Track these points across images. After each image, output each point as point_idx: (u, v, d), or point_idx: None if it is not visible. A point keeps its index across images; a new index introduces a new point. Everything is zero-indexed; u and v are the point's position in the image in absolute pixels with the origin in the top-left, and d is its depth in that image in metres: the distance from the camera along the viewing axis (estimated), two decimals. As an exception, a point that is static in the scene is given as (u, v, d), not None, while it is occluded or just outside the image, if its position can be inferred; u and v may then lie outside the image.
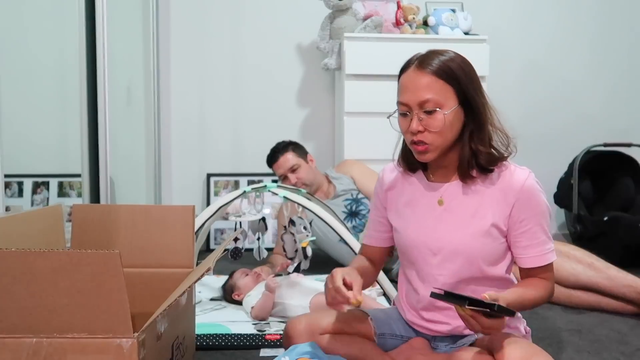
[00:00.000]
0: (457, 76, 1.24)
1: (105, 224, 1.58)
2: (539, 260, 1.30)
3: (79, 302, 1.03)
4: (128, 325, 1.03)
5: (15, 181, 3.16)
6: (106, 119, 2.28)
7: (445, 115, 1.23)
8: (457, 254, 1.29)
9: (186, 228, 1.59)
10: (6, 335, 1.03)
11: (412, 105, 1.25)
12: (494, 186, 1.29)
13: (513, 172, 1.30)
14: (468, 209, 1.30)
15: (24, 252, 1.02)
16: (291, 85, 3.38)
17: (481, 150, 1.27)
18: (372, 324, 1.41)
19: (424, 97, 1.23)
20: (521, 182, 1.27)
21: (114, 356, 1.03)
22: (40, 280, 1.02)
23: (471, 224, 1.29)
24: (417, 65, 1.26)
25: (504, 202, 1.28)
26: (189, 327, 1.53)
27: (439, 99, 1.23)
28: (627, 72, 3.58)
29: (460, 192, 1.32)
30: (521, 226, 1.28)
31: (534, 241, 1.29)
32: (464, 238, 1.29)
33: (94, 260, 1.02)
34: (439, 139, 1.25)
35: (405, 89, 1.27)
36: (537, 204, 1.28)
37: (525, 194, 1.27)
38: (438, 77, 1.24)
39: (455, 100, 1.25)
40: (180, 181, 3.34)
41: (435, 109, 1.23)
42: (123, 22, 2.89)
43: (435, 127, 1.24)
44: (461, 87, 1.25)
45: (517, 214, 1.27)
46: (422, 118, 1.24)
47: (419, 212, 1.36)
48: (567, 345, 1.76)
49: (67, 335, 1.03)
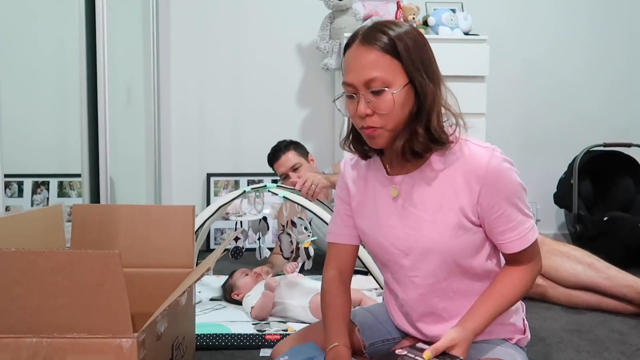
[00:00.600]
0: (404, 49, 1.08)
1: (105, 224, 1.58)
2: (520, 243, 1.16)
3: (79, 302, 1.03)
4: (128, 325, 1.03)
5: (15, 181, 3.16)
6: (106, 119, 2.28)
7: (394, 95, 1.09)
8: (429, 252, 1.17)
9: (186, 228, 1.59)
10: (6, 335, 1.03)
11: (358, 85, 1.11)
12: (455, 173, 1.14)
13: (474, 154, 1.14)
14: (431, 202, 1.16)
15: (24, 252, 1.02)
16: (291, 85, 3.38)
17: (419, 133, 1.11)
18: (360, 336, 1.33)
19: (369, 75, 1.09)
20: (484, 164, 1.12)
21: (114, 356, 1.02)
22: (40, 280, 1.02)
23: (438, 217, 1.15)
24: (361, 39, 1.11)
25: (468, 190, 1.13)
26: (189, 327, 1.53)
27: (386, 77, 1.08)
28: (627, 72, 3.58)
29: (418, 184, 1.17)
30: (493, 212, 1.13)
31: (510, 224, 1.15)
32: (432, 234, 1.16)
33: (94, 260, 1.02)
34: (389, 122, 1.11)
35: (349, 68, 1.12)
36: (507, 184, 1.13)
37: (490, 176, 1.12)
38: (384, 52, 1.08)
39: (405, 77, 1.09)
40: (180, 181, 3.34)
41: (383, 88, 1.09)
42: (123, 22, 2.89)
43: (384, 109, 1.10)
44: (410, 62, 1.09)
45: (485, 200, 1.13)
46: (369, 100, 1.10)
47: (381, 210, 1.23)
48: (567, 345, 1.76)
49: (67, 335, 1.03)
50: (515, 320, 1.29)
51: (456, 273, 1.20)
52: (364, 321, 1.38)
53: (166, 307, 1.15)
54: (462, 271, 1.20)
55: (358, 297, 2.00)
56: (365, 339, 1.35)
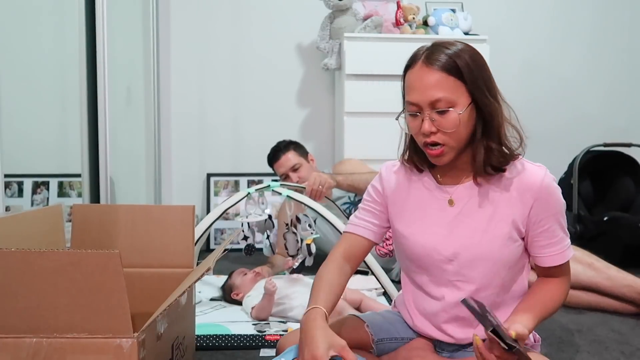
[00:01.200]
0: (468, 70, 1.15)
1: (105, 224, 1.58)
2: (558, 258, 1.24)
3: (79, 302, 1.03)
4: (128, 325, 1.03)
5: (15, 181, 3.16)
6: (106, 119, 2.28)
7: (460, 115, 1.14)
8: (478, 260, 1.22)
9: (186, 228, 1.58)
10: (6, 335, 1.03)
11: (423, 105, 1.16)
12: (510, 186, 1.22)
13: (529, 171, 1.22)
14: (485, 212, 1.23)
15: (24, 252, 1.02)
16: (291, 85, 3.38)
17: (494, 148, 1.18)
18: (369, 330, 1.34)
19: (435, 96, 1.14)
20: (539, 181, 1.21)
21: (114, 356, 1.02)
22: (40, 280, 1.02)
23: (489, 227, 1.22)
24: (424, 61, 1.16)
25: (521, 203, 1.21)
26: (189, 327, 1.53)
27: (451, 97, 1.14)
28: (627, 72, 3.58)
29: (474, 194, 1.24)
30: (540, 226, 1.22)
31: (553, 240, 1.23)
32: (482, 242, 1.22)
33: (94, 260, 1.02)
34: (454, 139, 1.17)
35: (413, 88, 1.17)
36: (555, 202, 1.23)
37: (544, 192, 1.21)
38: (448, 74, 1.14)
39: (468, 97, 1.16)
40: (180, 181, 3.34)
41: (448, 108, 1.14)
42: (123, 22, 2.89)
43: (449, 128, 1.15)
44: (473, 82, 1.15)
45: (535, 213, 1.21)
46: (434, 119, 1.15)
47: (429, 217, 1.28)
48: (567, 345, 1.76)
49: (67, 335, 1.03)
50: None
51: (497, 285, 1.25)
52: (372, 320, 1.39)
53: (166, 307, 1.15)
54: (503, 284, 1.26)
55: (358, 298, 2.01)
56: (374, 334, 1.35)
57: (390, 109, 2.49)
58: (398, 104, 1.27)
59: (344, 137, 2.99)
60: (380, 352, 1.35)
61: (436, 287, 1.28)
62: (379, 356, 1.35)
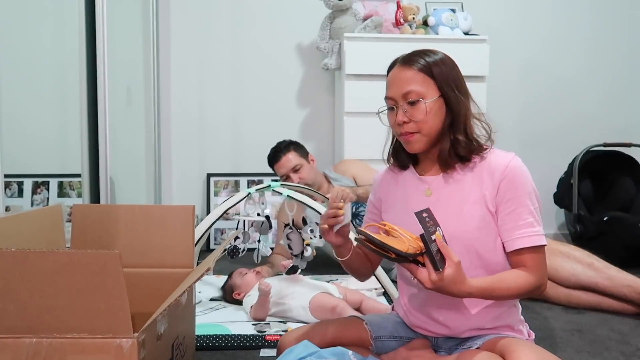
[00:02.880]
0: (438, 70, 1.31)
1: (105, 224, 1.58)
2: (523, 241, 1.26)
3: (78, 302, 1.03)
4: (128, 325, 1.03)
5: (15, 181, 3.16)
6: (106, 119, 2.28)
7: (427, 104, 1.29)
8: (454, 240, 1.26)
9: (186, 228, 1.58)
10: (6, 335, 1.03)
11: (397, 98, 1.32)
12: (480, 170, 1.32)
13: (498, 156, 1.33)
14: (458, 197, 1.32)
15: (23, 252, 1.02)
16: (291, 85, 3.38)
17: (460, 140, 1.31)
18: (368, 327, 1.39)
19: (406, 88, 1.30)
20: (506, 162, 1.30)
21: (114, 356, 1.02)
22: (40, 280, 1.02)
23: (463, 209, 1.30)
24: (401, 62, 1.34)
25: (490, 183, 1.29)
26: (189, 327, 1.53)
27: (420, 89, 1.30)
28: (627, 72, 3.58)
29: (448, 182, 1.34)
30: (507, 207, 1.28)
31: (519, 222, 1.27)
32: (457, 224, 1.29)
33: (94, 260, 1.02)
34: (424, 127, 1.30)
35: (391, 85, 1.35)
36: (523, 183, 1.29)
37: (511, 173, 1.28)
38: (419, 71, 1.31)
39: (436, 91, 1.31)
40: (180, 181, 3.34)
41: (417, 99, 1.29)
42: (123, 22, 2.89)
43: (418, 117, 1.30)
44: (442, 80, 1.31)
45: (502, 193, 1.28)
46: (406, 110, 1.31)
47: (412, 207, 1.33)
48: (567, 345, 1.76)
49: (67, 335, 1.03)
50: (520, 327, 1.37)
51: (477, 266, 1.29)
52: (371, 318, 1.44)
53: (166, 307, 1.15)
54: (483, 265, 1.30)
55: (358, 298, 2.01)
56: (373, 331, 1.39)
57: (390, 109, 2.44)
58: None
59: (344, 137, 2.99)
60: (379, 350, 1.39)
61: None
62: (379, 354, 1.38)
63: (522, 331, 1.37)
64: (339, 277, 2.45)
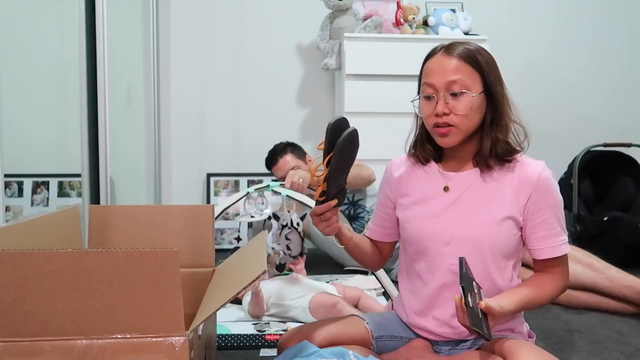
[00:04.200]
0: (482, 64, 1.26)
1: (122, 224, 1.56)
2: (553, 251, 1.28)
3: (132, 301, 1.01)
4: (180, 323, 1.02)
5: (15, 181, 3.16)
6: (106, 119, 2.28)
7: (473, 98, 1.23)
8: (469, 241, 1.26)
9: (207, 227, 1.57)
10: (56, 337, 1.01)
11: (439, 86, 1.24)
12: (509, 176, 1.29)
13: (528, 164, 1.30)
14: (483, 198, 1.28)
15: (80, 252, 1.01)
16: (291, 85, 3.37)
17: (500, 139, 1.27)
18: (369, 327, 1.37)
19: (451, 77, 1.23)
20: (538, 172, 1.28)
21: (166, 355, 1.00)
22: (95, 280, 1.00)
23: (485, 212, 1.27)
24: (445, 50, 1.28)
25: (521, 192, 1.27)
26: (214, 327, 1.53)
27: (467, 81, 1.23)
28: (627, 72, 3.58)
29: (473, 181, 1.30)
30: (537, 216, 1.27)
31: (550, 232, 1.28)
32: (475, 225, 1.27)
33: (152, 259, 1.00)
34: (464, 122, 1.25)
35: (431, 71, 1.27)
36: (553, 194, 1.29)
37: (542, 184, 1.27)
38: (466, 62, 1.25)
39: (481, 86, 1.26)
40: (180, 181, 3.34)
41: (462, 90, 1.23)
42: (123, 22, 2.88)
43: (461, 110, 1.23)
44: (486, 75, 1.26)
45: (533, 204, 1.27)
46: (448, 101, 1.24)
47: (428, 201, 1.33)
48: (567, 345, 1.76)
49: (119, 335, 1.02)
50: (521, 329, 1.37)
51: (487, 272, 1.28)
52: (372, 318, 1.43)
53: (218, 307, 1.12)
54: (494, 269, 1.28)
55: (357, 295, 2.01)
56: (374, 331, 1.38)
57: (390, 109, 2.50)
58: (398, 103, 1.29)
59: (344, 137, 2.98)
60: (380, 349, 1.38)
61: (431, 274, 1.32)
62: (379, 354, 1.37)
63: (523, 332, 1.37)
64: (338, 277, 2.45)
